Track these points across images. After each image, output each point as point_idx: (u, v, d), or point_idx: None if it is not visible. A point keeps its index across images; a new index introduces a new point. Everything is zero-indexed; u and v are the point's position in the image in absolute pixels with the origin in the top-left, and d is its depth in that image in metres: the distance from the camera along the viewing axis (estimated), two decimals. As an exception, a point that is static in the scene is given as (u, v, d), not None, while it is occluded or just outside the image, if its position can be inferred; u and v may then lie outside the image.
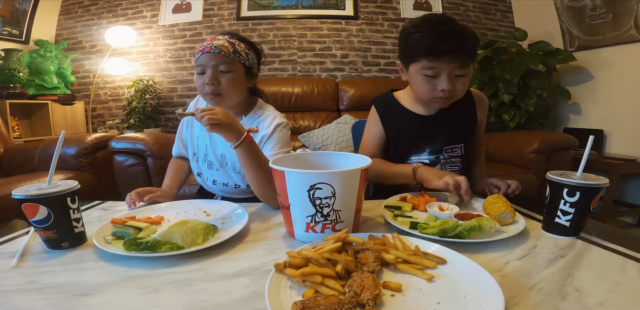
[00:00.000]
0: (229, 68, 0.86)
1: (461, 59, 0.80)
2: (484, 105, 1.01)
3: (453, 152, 0.96)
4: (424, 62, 0.81)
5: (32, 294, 0.45)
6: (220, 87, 0.86)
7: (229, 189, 1.01)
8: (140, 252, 0.55)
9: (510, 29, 3.03)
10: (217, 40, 0.87)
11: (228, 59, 0.86)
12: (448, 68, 0.80)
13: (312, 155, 0.76)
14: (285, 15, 2.86)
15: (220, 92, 0.87)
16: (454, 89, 0.83)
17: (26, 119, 2.65)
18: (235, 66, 0.88)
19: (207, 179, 1.02)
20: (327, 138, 2.26)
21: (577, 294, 0.43)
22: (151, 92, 2.80)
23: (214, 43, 0.85)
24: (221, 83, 0.86)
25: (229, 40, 0.88)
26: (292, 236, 0.64)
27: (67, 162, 1.85)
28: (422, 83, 0.85)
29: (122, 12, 2.95)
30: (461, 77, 0.83)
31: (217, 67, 0.86)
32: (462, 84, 0.83)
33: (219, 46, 0.85)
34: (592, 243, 0.59)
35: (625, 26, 2.22)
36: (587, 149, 0.63)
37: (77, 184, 0.61)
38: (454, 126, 0.96)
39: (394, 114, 0.98)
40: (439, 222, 0.64)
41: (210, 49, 0.84)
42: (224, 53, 0.85)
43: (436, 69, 0.81)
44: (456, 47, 0.78)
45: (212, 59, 0.85)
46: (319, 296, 0.41)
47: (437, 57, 0.79)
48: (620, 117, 2.33)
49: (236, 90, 0.89)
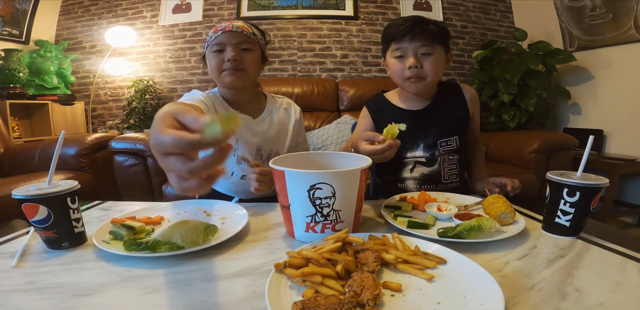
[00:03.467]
0: (250, 46, 0.89)
1: (423, 37, 0.87)
2: (474, 98, 1.02)
3: (448, 146, 0.97)
4: (393, 45, 0.92)
5: (32, 294, 0.45)
6: (243, 63, 0.88)
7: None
8: (140, 252, 0.55)
9: (510, 29, 3.03)
10: (237, 22, 0.89)
11: (249, 39, 0.89)
12: (412, 47, 0.88)
13: (312, 155, 0.76)
14: (285, 16, 2.86)
15: (243, 67, 0.88)
16: (420, 67, 0.88)
17: (26, 119, 2.65)
18: (255, 46, 0.90)
19: (235, 174, 0.98)
20: (327, 138, 2.26)
21: (577, 294, 0.43)
22: (151, 92, 2.80)
23: (234, 24, 0.87)
24: (244, 59, 0.88)
25: (246, 24, 0.91)
26: (292, 236, 0.64)
27: (67, 162, 1.85)
28: (393, 65, 0.93)
29: (122, 12, 2.95)
30: (428, 57, 0.89)
31: (239, 45, 0.87)
32: (430, 63, 0.89)
33: (240, 26, 0.87)
34: (592, 243, 0.59)
35: (625, 26, 2.22)
36: (587, 149, 0.63)
37: (77, 184, 0.61)
38: (445, 119, 0.97)
39: (385, 112, 1.01)
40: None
41: (232, 28, 0.86)
42: (245, 33, 0.88)
43: (403, 49, 0.90)
44: (417, 27, 0.87)
45: (235, 38, 0.86)
46: (319, 296, 0.41)
47: (402, 38, 0.89)
48: (620, 117, 2.33)
49: (255, 69, 0.92)
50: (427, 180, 0.97)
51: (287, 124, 1.02)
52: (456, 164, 0.98)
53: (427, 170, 0.97)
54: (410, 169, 0.98)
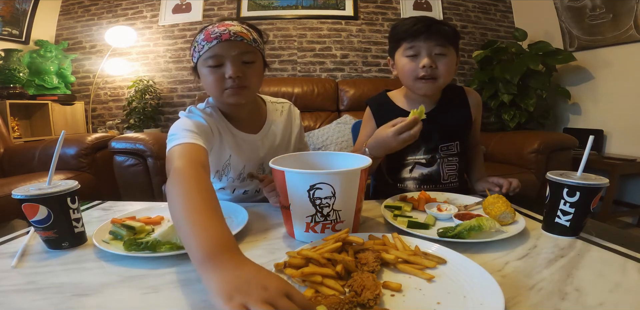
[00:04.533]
0: (253, 58, 0.75)
1: (438, 37, 0.85)
2: (478, 103, 1.01)
3: (449, 150, 0.96)
4: (405, 44, 0.89)
5: (32, 294, 0.45)
6: (246, 80, 0.75)
7: (257, 195, 0.97)
8: (140, 252, 0.55)
9: (510, 29, 3.03)
10: (233, 25, 0.73)
11: (250, 48, 0.74)
12: (426, 46, 0.86)
13: (312, 155, 0.76)
14: (285, 16, 2.86)
15: (247, 84, 0.75)
16: (435, 67, 0.87)
17: (26, 119, 2.65)
18: (257, 56, 0.77)
19: (236, 190, 0.95)
20: (327, 138, 2.26)
21: (577, 294, 0.43)
22: (151, 92, 2.80)
23: (231, 29, 0.71)
24: (247, 75, 0.75)
25: (244, 27, 0.76)
26: (292, 236, 0.64)
27: (67, 162, 1.85)
28: (405, 65, 0.90)
29: (122, 12, 2.94)
30: (442, 57, 0.87)
31: (239, 57, 0.73)
32: (443, 64, 0.87)
33: (239, 33, 0.72)
34: (592, 243, 0.59)
35: (625, 26, 2.22)
36: (587, 149, 0.63)
37: (77, 184, 0.61)
38: (448, 124, 0.96)
39: (387, 113, 0.99)
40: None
41: (230, 35, 0.71)
42: (246, 41, 0.73)
43: (416, 48, 0.87)
44: (431, 27, 0.85)
45: (234, 48, 0.72)
46: (319, 296, 0.41)
47: (416, 37, 0.86)
48: (620, 117, 2.33)
49: (259, 83, 0.80)
50: (426, 181, 0.97)
51: (290, 132, 0.97)
52: (455, 165, 0.98)
53: (426, 170, 0.97)
54: (410, 170, 0.98)
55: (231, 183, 0.92)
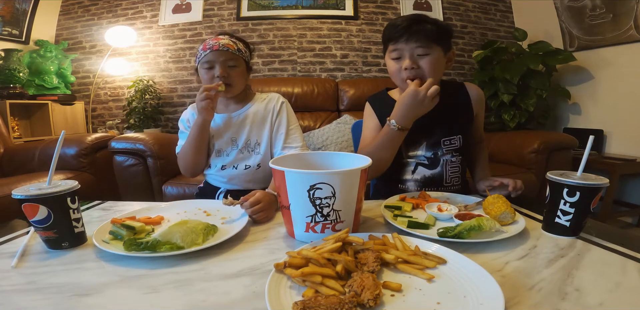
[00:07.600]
0: (236, 63, 1.00)
1: (418, 38, 0.85)
2: (480, 98, 1.01)
3: (452, 145, 0.96)
4: (390, 46, 0.90)
5: (32, 294, 0.45)
6: (230, 79, 0.99)
7: (247, 171, 1.05)
8: (140, 252, 0.55)
9: (510, 29, 3.03)
10: (222, 39, 0.99)
11: (234, 56, 0.99)
12: (408, 47, 0.87)
13: (312, 155, 0.76)
14: (285, 16, 2.86)
15: (230, 82, 0.99)
16: (417, 68, 0.87)
17: (26, 119, 2.65)
18: (240, 62, 1.01)
19: (227, 165, 1.07)
20: (327, 138, 2.26)
21: (577, 294, 0.43)
22: (151, 92, 2.79)
23: (221, 42, 0.97)
24: (231, 75, 0.99)
25: (231, 40, 1.01)
26: (292, 236, 0.64)
27: (67, 162, 1.85)
28: (391, 67, 0.92)
29: (122, 12, 2.94)
30: (425, 57, 0.87)
31: (225, 62, 0.98)
32: (427, 63, 0.87)
33: (226, 45, 0.97)
34: (592, 243, 0.59)
35: (625, 26, 2.22)
36: (587, 149, 0.63)
37: (77, 184, 0.61)
38: (449, 118, 0.96)
39: (388, 109, 0.98)
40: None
41: (219, 47, 0.96)
42: (231, 51, 0.98)
43: (399, 51, 0.88)
44: (413, 27, 0.85)
45: (221, 56, 0.97)
46: (319, 296, 0.41)
47: (398, 39, 0.87)
48: (620, 117, 2.33)
49: (242, 81, 1.04)
50: (428, 183, 0.96)
51: (266, 115, 1.08)
52: (459, 167, 0.97)
53: (429, 172, 0.96)
54: (412, 171, 0.97)
55: (225, 157, 1.07)
